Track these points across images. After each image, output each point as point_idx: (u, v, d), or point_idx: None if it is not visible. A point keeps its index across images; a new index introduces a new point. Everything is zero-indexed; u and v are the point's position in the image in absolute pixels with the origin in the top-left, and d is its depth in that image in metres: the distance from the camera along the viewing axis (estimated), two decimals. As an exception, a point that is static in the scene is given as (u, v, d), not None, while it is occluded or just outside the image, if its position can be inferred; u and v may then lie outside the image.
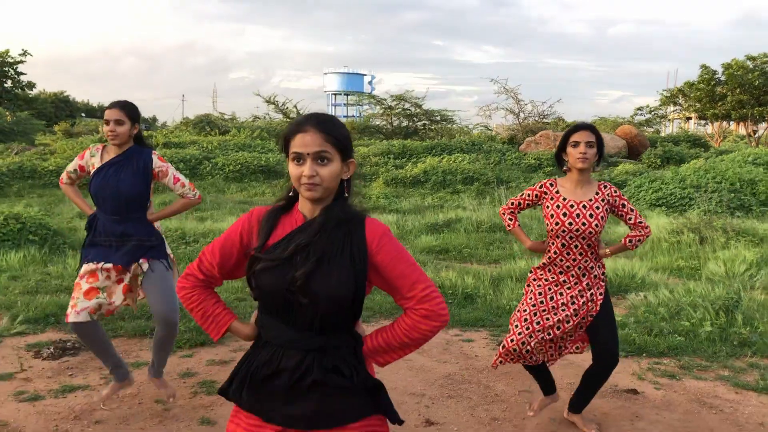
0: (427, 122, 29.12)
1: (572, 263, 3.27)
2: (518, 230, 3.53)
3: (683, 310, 5.45)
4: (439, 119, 29.12)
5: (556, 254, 3.29)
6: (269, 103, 28.76)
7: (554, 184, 3.35)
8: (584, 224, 3.20)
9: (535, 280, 3.40)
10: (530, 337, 3.28)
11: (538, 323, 3.29)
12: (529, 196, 3.43)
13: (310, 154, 1.69)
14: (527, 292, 3.41)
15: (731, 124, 35.26)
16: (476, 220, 10.30)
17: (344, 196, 1.80)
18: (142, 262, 3.49)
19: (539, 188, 3.38)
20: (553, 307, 3.31)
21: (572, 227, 3.21)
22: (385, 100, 29.11)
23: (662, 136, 29.00)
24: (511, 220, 3.53)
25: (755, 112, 29.19)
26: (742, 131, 35.28)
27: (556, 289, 3.32)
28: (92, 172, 3.53)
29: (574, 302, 3.28)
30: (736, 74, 28.55)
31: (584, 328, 3.36)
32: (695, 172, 13.60)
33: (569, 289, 3.30)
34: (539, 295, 3.34)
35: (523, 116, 23.85)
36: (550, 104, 24.57)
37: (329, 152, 1.71)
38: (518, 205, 3.49)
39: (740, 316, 5.27)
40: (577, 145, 3.22)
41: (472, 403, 3.92)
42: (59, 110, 48.18)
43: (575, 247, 3.25)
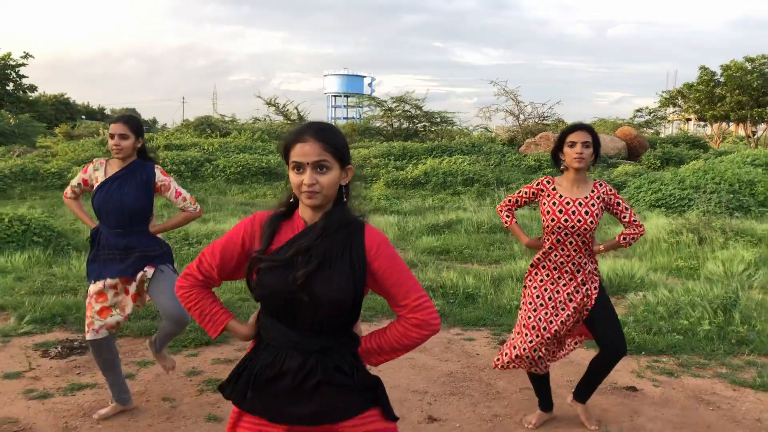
0: (427, 124, 29.14)
1: (566, 259, 3.34)
2: (515, 227, 3.58)
3: (682, 309, 5.51)
4: (439, 121, 29.15)
5: (551, 249, 3.36)
6: (270, 105, 28.83)
7: (551, 181, 3.41)
8: (579, 221, 3.27)
9: (531, 281, 3.45)
10: (541, 343, 3.35)
11: (545, 328, 3.35)
12: (526, 193, 3.49)
13: (309, 163, 1.75)
14: (525, 295, 3.46)
15: (730, 125, 35.33)
16: (477, 221, 10.37)
17: (343, 201, 1.86)
18: (147, 269, 3.53)
19: (536, 186, 3.45)
20: (553, 307, 3.37)
21: (568, 224, 3.28)
22: (385, 101, 29.13)
23: (662, 137, 29.01)
24: (508, 217, 3.58)
25: (754, 113, 29.25)
26: (741, 132, 35.33)
27: (552, 287, 3.38)
28: (95, 186, 3.56)
29: (572, 299, 3.35)
30: (734, 76, 28.62)
31: (581, 321, 3.42)
32: (694, 173, 13.67)
33: (565, 285, 3.36)
34: (537, 297, 3.40)
35: (522, 118, 23.89)
36: (549, 106, 24.69)
37: (328, 161, 1.76)
38: (515, 202, 3.55)
39: (738, 314, 5.33)
40: (573, 145, 3.29)
41: (473, 400, 3.98)
42: (59, 113, 48.20)
43: (570, 243, 3.32)
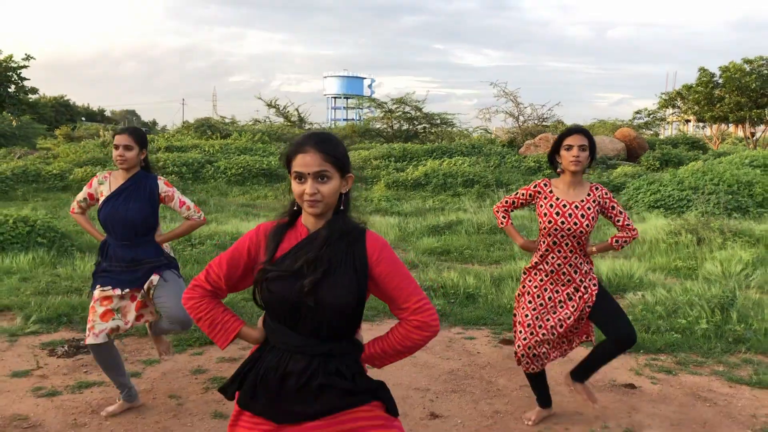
0: (427, 125, 29.22)
1: (563, 260, 3.39)
2: (511, 228, 3.64)
3: (680, 308, 5.58)
4: (439, 122, 29.23)
5: (547, 252, 3.40)
6: (270, 106, 28.91)
7: (548, 184, 3.47)
8: (576, 224, 3.32)
9: (530, 281, 3.50)
10: (536, 341, 3.39)
11: (540, 326, 3.39)
12: (523, 195, 3.54)
13: (310, 173, 1.82)
14: (523, 294, 3.51)
15: (729, 126, 35.41)
16: (477, 222, 10.43)
17: (343, 208, 1.92)
18: (153, 276, 3.59)
19: (533, 188, 3.50)
20: (551, 306, 3.42)
21: (564, 226, 3.33)
22: (385, 103, 29.22)
23: (661, 138, 29.11)
24: (504, 217, 3.63)
25: (753, 114, 29.32)
26: (740, 134, 35.42)
27: (551, 287, 3.43)
28: (101, 200, 3.62)
29: (571, 298, 3.40)
30: (733, 77, 28.70)
31: (584, 319, 3.46)
32: (693, 174, 13.74)
33: (563, 286, 3.41)
34: (537, 297, 3.45)
35: (522, 119, 24.01)
36: (549, 107, 24.82)
37: (329, 171, 1.83)
38: (512, 203, 3.60)
39: (735, 314, 5.40)
40: (570, 148, 3.33)
41: (475, 397, 4.05)
42: (59, 114, 48.30)
43: (565, 245, 3.37)
